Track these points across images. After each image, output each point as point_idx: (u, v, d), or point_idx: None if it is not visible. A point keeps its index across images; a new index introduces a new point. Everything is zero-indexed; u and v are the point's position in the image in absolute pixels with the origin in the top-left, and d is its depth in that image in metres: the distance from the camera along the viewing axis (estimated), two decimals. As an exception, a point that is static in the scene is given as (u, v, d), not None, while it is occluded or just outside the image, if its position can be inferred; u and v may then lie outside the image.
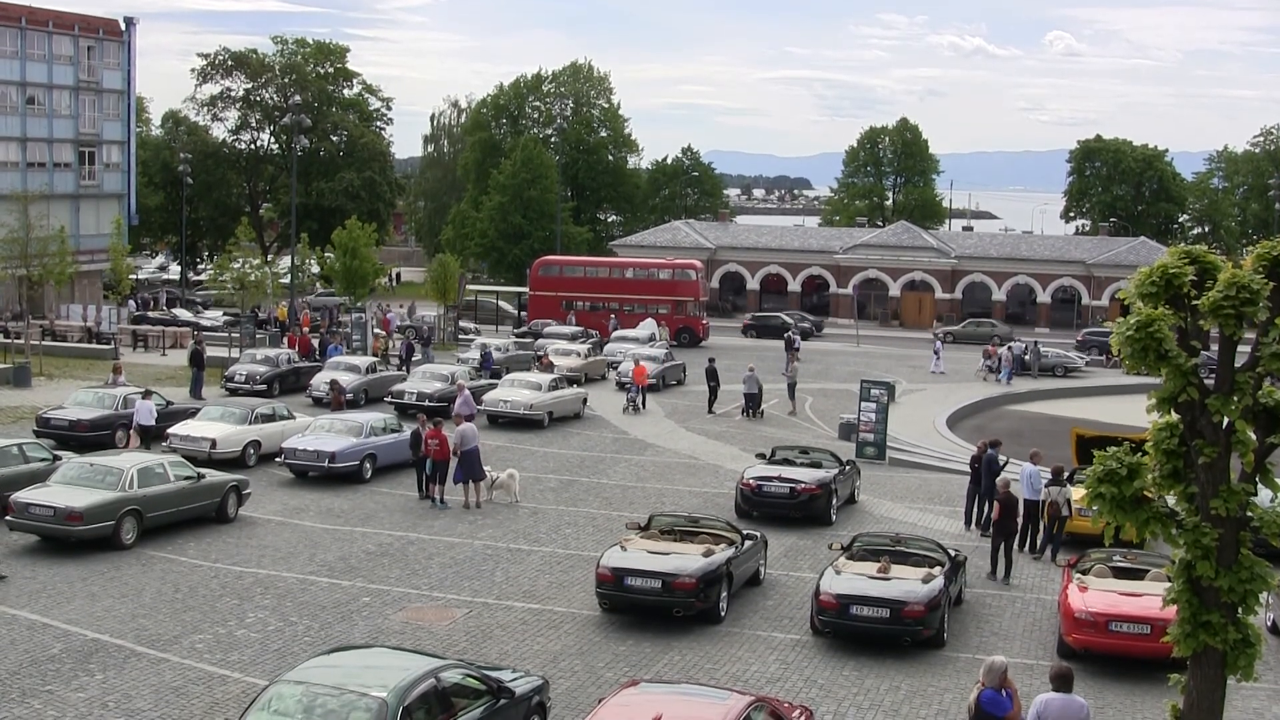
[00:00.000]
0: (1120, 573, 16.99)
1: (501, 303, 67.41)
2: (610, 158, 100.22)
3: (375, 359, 39.15)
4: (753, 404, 37.15)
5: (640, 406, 35.33)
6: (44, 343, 44.09)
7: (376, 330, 47.28)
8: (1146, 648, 14.98)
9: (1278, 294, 9.30)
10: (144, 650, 14.99)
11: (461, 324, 57.69)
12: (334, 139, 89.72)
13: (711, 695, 11.17)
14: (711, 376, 37.79)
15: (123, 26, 64.39)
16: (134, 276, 69.02)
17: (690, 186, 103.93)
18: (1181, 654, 9.58)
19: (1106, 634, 15.42)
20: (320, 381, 34.90)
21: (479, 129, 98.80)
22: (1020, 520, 20.76)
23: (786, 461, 24.65)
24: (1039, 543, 21.45)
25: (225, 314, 59.52)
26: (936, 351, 51.94)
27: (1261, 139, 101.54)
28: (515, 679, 12.36)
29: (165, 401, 29.61)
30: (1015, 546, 20.25)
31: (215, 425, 26.69)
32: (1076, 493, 21.49)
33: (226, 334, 47.38)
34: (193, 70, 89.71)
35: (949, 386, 47.11)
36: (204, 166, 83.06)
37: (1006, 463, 23.16)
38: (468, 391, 30.57)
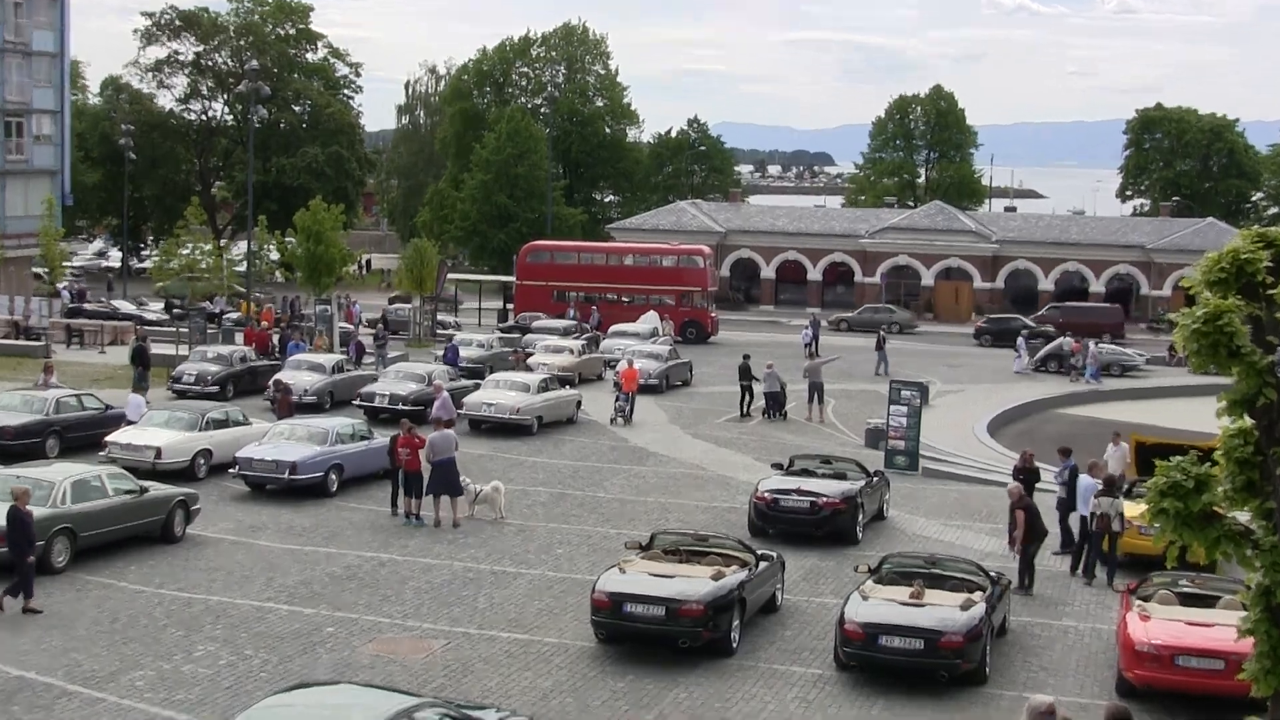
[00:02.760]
0: (1187, 599, 16.95)
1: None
2: (607, 131, 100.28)
3: (342, 357, 39.16)
4: (775, 405, 37.32)
5: (628, 417, 35.26)
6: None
7: (319, 327, 47.16)
8: (1218, 685, 14.83)
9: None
10: (76, 689, 14.96)
11: (440, 318, 57.67)
12: (296, 109, 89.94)
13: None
14: (745, 375, 38.08)
15: (55, -19, 64.30)
16: (69, 264, 69.27)
17: (697, 163, 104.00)
18: (1261, 694, 9.55)
19: (1172, 669, 15.35)
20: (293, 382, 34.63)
21: (459, 98, 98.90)
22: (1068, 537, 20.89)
23: (806, 472, 24.72)
24: (1091, 563, 21.44)
25: (176, 307, 59.49)
26: (1019, 349, 52.16)
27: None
28: (500, 719, 12.23)
29: (104, 405, 29.62)
30: (1035, 555, 20.55)
31: (160, 432, 26.69)
32: (1132, 508, 21.47)
33: (174, 329, 47.36)
34: (136, 31, 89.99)
35: (989, 388, 47.12)
36: (148, 140, 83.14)
37: (1070, 473, 23.23)
38: (446, 394, 30.59)
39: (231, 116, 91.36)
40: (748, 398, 38.09)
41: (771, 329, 66.43)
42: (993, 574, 18.00)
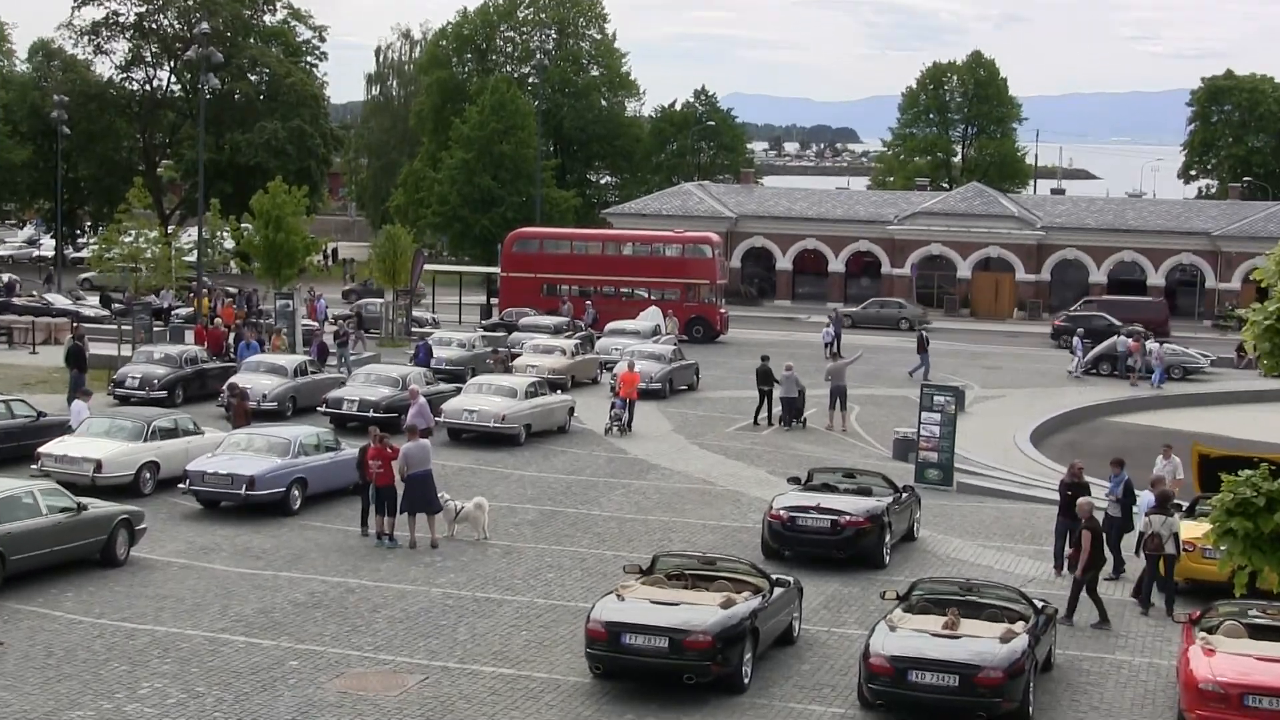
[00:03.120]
0: (1257, 631, 16.92)
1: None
2: (603, 103, 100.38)
3: (305, 358, 39.15)
4: (792, 411, 37.53)
5: (626, 427, 35.36)
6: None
7: (278, 324, 47.16)
8: (1291, 727, 14.96)
9: None
10: (9, 729, 14.93)
11: (416, 314, 57.77)
12: (252, 78, 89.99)
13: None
14: (764, 379, 38.22)
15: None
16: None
17: (705, 139, 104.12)
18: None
19: (1240, 711, 15.32)
20: (250, 386, 34.49)
21: (437, 67, 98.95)
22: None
23: (827, 487, 24.75)
24: (1146, 590, 21.53)
25: (116, 301, 59.54)
26: (1074, 349, 52.30)
27: None
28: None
29: (36, 413, 29.62)
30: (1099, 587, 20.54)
31: (101, 443, 26.66)
32: (1189, 528, 21.55)
33: (117, 326, 47.35)
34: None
35: (1032, 393, 47.23)
36: (85, 112, 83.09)
37: (1125, 486, 23.34)
38: (423, 399, 30.61)
39: (179, 86, 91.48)
40: (766, 405, 38.17)
41: (788, 327, 66.58)
42: (1037, 602, 18.03)
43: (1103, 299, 67.45)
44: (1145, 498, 22.34)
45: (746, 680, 17.07)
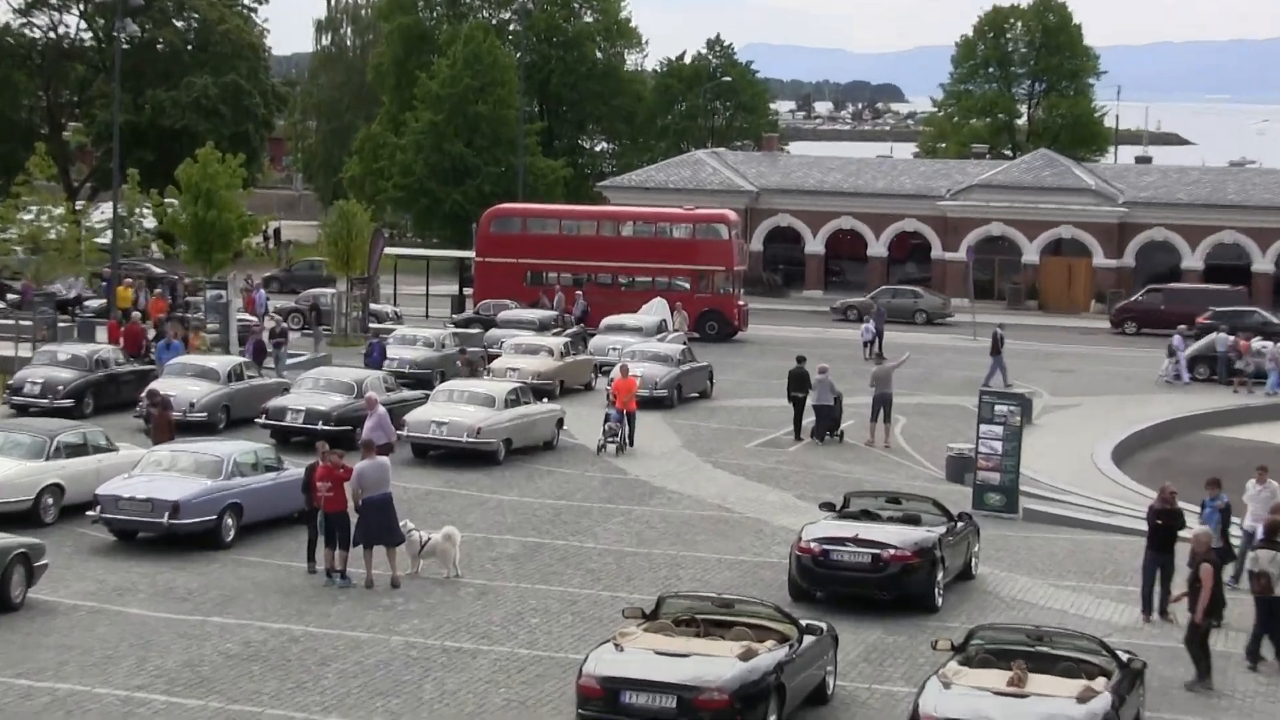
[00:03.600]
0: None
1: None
2: (599, 55, 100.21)
3: (240, 359, 39.04)
4: (827, 422, 37.56)
5: (626, 443, 35.25)
6: None
7: (207, 318, 47.06)
8: None
9: None
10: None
11: (375, 307, 57.64)
12: (178, 25, 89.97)
13: None
14: (798, 384, 38.17)
15: None
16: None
17: (720, 98, 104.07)
18: None
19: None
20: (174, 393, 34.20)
21: (399, 11, 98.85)
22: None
23: (867, 515, 24.66)
24: (1255, 640, 21.35)
25: (11, 291, 59.42)
26: (1174, 350, 52.21)
27: None
28: None
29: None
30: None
31: (-6, 461, 26.54)
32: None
33: (14, 322, 47.21)
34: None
35: (1114, 401, 47.24)
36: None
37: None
38: (383, 409, 30.51)
39: (91, 34, 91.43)
40: (808, 415, 38.00)
41: (819, 323, 66.38)
42: (1121, 654, 17.94)
43: (1166, 288, 67.65)
44: (1247, 527, 22.18)
45: (770, 748, 16.94)
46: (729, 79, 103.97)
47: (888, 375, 39.10)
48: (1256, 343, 51.13)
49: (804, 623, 18.78)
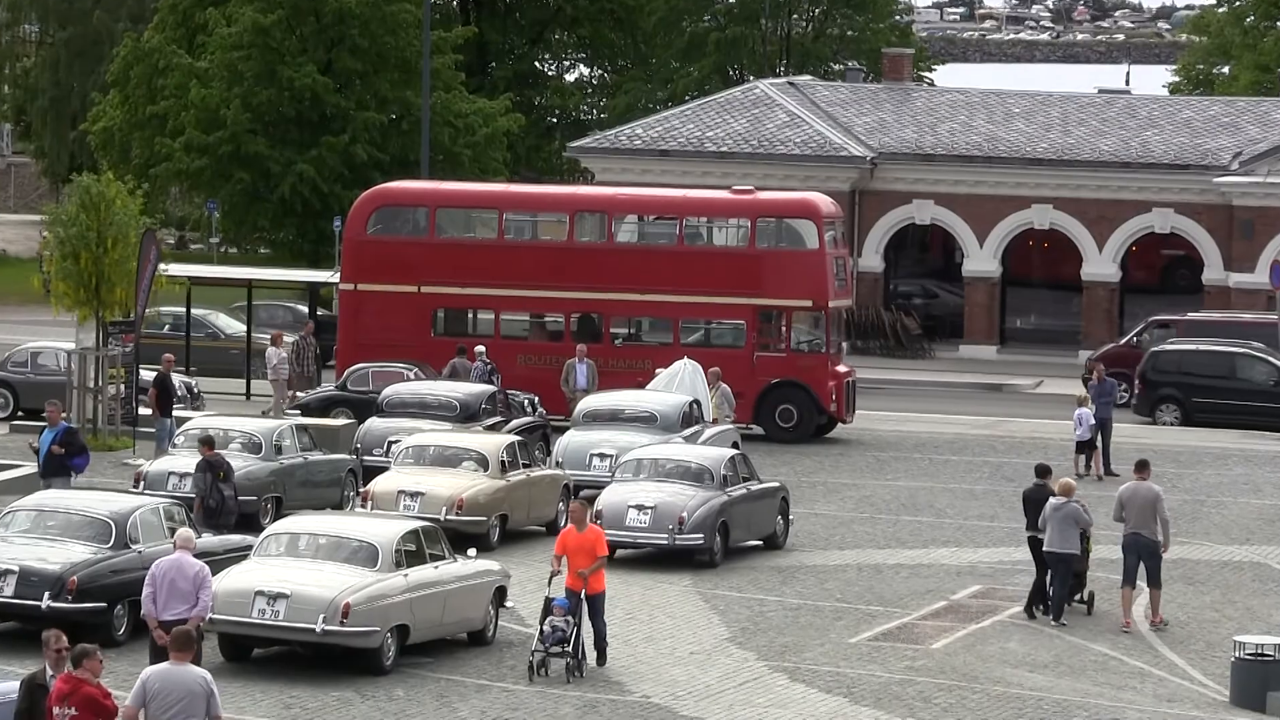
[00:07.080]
0: None
1: None
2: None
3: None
4: (1069, 580, 29.08)
5: (582, 656, 25.55)
6: None
7: None
8: None
9: None
10: None
11: (148, 374, 43.00)
12: None
13: None
14: (1033, 505, 29.53)
15: None
16: None
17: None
18: None
19: None
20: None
21: None
22: None
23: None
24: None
25: None
26: None
27: None
28: None
29: None
30: None
31: None
32: None
33: None
34: None
35: None
36: None
37: None
38: (205, 570, 22.61)
39: None
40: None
41: (993, 400, 51.77)
42: None
43: (1186, 319, 51.34)
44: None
45: None
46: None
47: (1151, 506, 29.68)
48: None
49: None
